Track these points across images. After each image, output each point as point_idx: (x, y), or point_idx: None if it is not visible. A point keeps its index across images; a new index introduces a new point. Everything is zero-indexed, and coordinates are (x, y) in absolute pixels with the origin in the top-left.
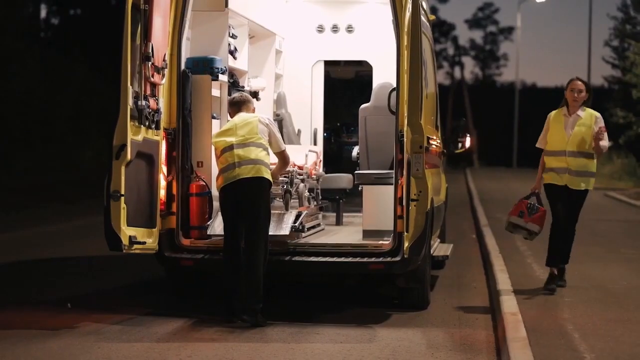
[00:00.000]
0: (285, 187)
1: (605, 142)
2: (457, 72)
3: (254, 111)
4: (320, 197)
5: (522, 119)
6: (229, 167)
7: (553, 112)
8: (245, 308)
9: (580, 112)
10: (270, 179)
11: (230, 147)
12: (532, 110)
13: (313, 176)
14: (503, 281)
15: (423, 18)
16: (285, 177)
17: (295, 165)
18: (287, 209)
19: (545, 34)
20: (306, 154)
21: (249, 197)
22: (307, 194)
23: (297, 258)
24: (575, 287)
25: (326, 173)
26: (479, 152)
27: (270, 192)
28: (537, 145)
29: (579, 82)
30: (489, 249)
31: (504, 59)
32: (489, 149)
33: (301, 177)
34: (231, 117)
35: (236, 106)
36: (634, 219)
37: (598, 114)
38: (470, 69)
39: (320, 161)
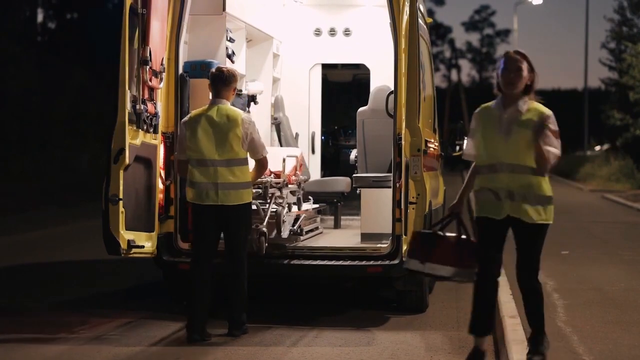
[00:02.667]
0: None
1: (552, 148)
2: (454, 74)
3: (234, 92)
4: (302, 204)
5: None
6: (207, 186)
7: (481, 108)
8: (232, 320)
9: (521, 106)
10: (251, 199)
11: (211, 163)
12: None
13: (293, 183)
14: (501, 284)
15: (420, 21)
16: (259, 187)
17: (271, 172)
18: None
19: (542, 36)
20: (284, 159)
21: (230, 222)
22: (287, 202)
23: (295, 261)
24: (573, 290)
25: (324, 176)
26: None
27: (250, 210)
28: (465, 156)
29: (517, 57)
30: None
31: None
32: None
33: (278, 185)
34: (210, 95)
35: (217, 85)
36: (631, 221)
37: (549, 112)
38: (467, 71)
39: (301, 165)
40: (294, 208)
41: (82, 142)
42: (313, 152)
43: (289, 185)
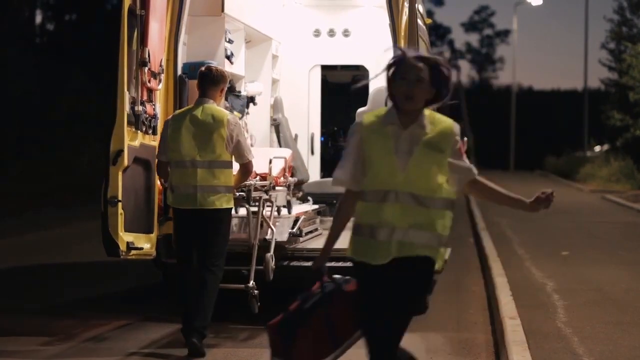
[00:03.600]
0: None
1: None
2: (453, 75)
3: (222, 93)
4: (292, 208)
5: (519, 122)
6: (187, 188)
7: (365, 120)
8: (193, 329)
9: (423, 122)
10: (232, 205)
11: (192, 164)
12: (529, 114)
13: (280, 185)
14: (501, 285)
15: (420, 22)
16: (242, 190)
17: (256, 174)
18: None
19: (542, 36)
20: (270, 160)
21: (209, 228)
22: (276, 205)
23: (295, 263)
24: (574, 290)
25: (323, 177)
26: (476, 156)
27: (230, 216)
28: (335, 182)
29: (418, 64)
30: (487, 253)
31: (500, 62)
32: (486, 152)
33: (264, 187)
34: (198, 94)
35: (205, 84)
36: (631, 221)
37: (456, 126)
38: (466, 72)
39: (290, 167)
40: (284, 211)
41: (81, 143)
42: (312, 153)
43: (277, 188)
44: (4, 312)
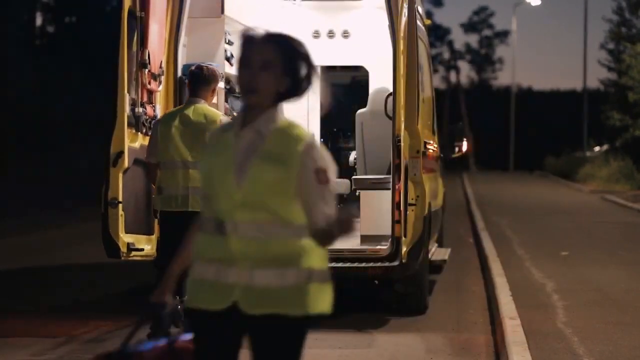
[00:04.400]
0: None
1: (328, 207)
2: (452, 76)
3: (213, 93)
4: None
5: (519, 123)
6: (177, 190)
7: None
8: None
9: (263, 126)
10: None
11: (183, 164)
12: (528, 114)
13: None
14: (501, 285)
15: (419, 22)
16: None
17: None
18: None
19: (541, 37)
20: None
21: None
22: None
23: None
24: (574, 291)
25: None
26: (476, 156)
27: None
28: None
29: (265, 45)
30: (487, 253)
31: (499, 63)
32: (485, 152)
33: None
34: (188, 94)
35: (196, 83)
36: (631, 221)
37: (310, 138)
38: (466, 73)
39: None
40: None
41: (81, 145)
42: None
43: None
44: (5, 312)
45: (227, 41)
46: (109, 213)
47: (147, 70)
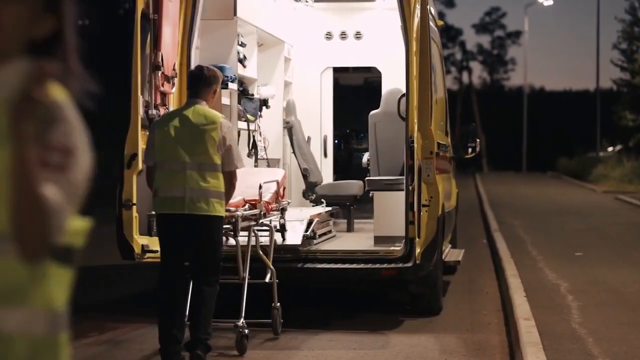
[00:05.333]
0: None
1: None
2: (465, 77)
3: (214, 95)
4: (286, 232)
5: (531, 123)
6: (174, 191)
7: None
8: (196, 341)
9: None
10: (224, 213)
11: (181, 165)
12: (541, 115)
13: (272, 211)
14: (515, 286)
15: (431, 23)
16: (228, 220)
17: (245, 201)
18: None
19: (553, 37)
20: (260, 185)
21: (199, 237)
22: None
23: (309, 265)
24: (588, 291)
25: (336, 180)
26: (488, 157)
27: (222, 224)
28: None
29: None
30: (501, 254)
31: (511, 63)
32: (498, 153)
33: (254, 216)
34: (187, 95)
35: (196, 85)
36: None
37: (62, 100)
38: (478, 73)
39: (284, 189)
40: (277, 236)
41: (94, 148)
42: (325, 155)
43: (267, 215)
44: None
45: (239, 43)
46: (123, 215)
47: (160, 73)
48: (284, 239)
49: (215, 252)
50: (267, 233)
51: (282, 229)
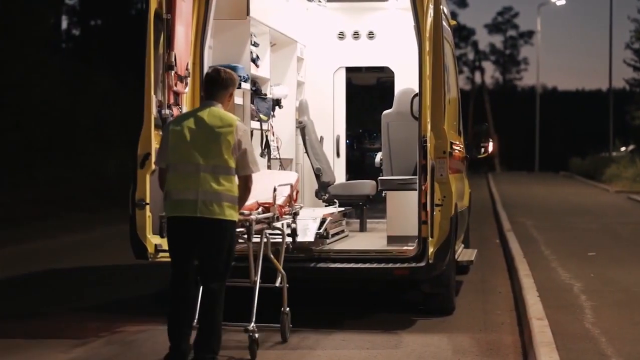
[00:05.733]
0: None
1: None
2: (477, 77)
3: (230, 98)
4: (297, 236)
5: (544, 123)
6: (186, 193)
7: None
8: (206, 349)
9: None
10: (236, 217)
11: (195, 168)
12: (554, 115)
13: (286, 215)
14: (528, 286)
15: (444, 23)
16: (242, 224)
17: (259, 204)
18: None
19: (566, 37)
20: (275, 188)
21: (210, 242)
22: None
23: (321, 264)
24: (601, 291)
25: (349, 180)
26: (500, 157)
27: (234, 228)
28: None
29: None
30: (513, 254)
31: (524, 63)
32: (511, 153)
33: (267, 220)
34: (202, 98)
35: (213, 87)
36: None
37: None
38: (490, 73)
39: (297, 193)
40: (288, 240)
41: (107, 148)
42: (338, 155)
43: (280, 219)
44: (34, 314)
45: (252, 43)
46: (136, 214)
47: (173, 72)
48: (294, 242)
49: (225, 256)
50: (278, 237)
51: (294, 234)
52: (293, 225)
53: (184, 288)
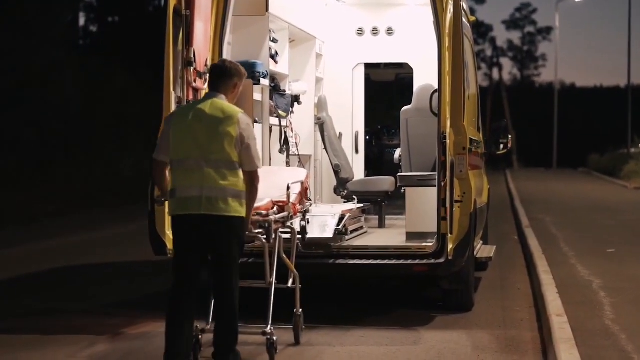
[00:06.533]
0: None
1: None
2: (495, 73)
3: (235, 89)
4: (307, 234)
5: (562, 120)
6: (190, 190)
7: None
8: (223, 353)
9: None
10: (244, 214)
11: (197, 163)
12: (572, 111)
13: (298, 212)
14: (547, 282)
15: (464, 19)
16: (261, 225)
17: (273, 203)
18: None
19: (584, 33)
20: (288, 185)
21: (216, 239)
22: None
23: (340, 261)
24: (620, 288)
25: (368, 176)
26: (518, 154)
27: (242, 225)
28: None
29: None
30: (532, 250)
31: (542, 60)
32: (529, 150)
33: (282, 219)
34: (208, 88)
35: (217, 78)
36: None
37: None
38: (508, 70)
39: (307, 190)
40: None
41: (125, 145)
42: (357, 151)
43: (294, 217)
44: (51, 311)
45: (271, 39)
46: (155, 211)
47: (192, 69)
48: (304, 241)
49: (234, 254)
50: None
51: (303, 232)
52: (302, 224)
53: (184, 289)
